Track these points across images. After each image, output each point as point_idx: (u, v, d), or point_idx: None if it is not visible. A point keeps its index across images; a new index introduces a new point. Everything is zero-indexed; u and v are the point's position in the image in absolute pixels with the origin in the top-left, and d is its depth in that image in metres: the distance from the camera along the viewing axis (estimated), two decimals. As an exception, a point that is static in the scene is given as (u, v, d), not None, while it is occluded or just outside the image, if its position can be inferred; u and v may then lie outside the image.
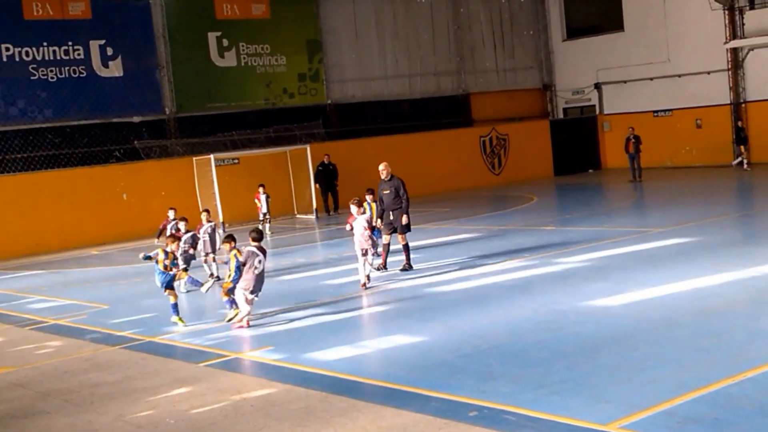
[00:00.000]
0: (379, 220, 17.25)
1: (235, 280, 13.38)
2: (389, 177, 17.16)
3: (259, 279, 13.31)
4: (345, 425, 8.57)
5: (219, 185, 28.09)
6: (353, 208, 15.83)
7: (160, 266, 13.93)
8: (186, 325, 13.88)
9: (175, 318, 14.02)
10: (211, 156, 28.47)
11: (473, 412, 8.54)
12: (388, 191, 17.05)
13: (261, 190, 26.64)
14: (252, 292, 13.30)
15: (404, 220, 16.84)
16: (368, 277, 15.75)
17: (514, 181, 35.58)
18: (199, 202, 28.81)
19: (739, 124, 33.47)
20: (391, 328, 12.67)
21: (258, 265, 13.24)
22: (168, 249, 14.07)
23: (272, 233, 26.24)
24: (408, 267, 16.96)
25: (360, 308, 14.19)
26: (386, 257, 17.22)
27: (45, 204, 27.26)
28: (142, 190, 28.93)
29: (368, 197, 18.04)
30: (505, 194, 31.53)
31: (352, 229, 15.82)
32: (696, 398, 8.35)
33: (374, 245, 15.98)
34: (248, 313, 13.43)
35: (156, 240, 20.03)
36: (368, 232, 15.58)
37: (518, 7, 39.91)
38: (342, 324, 13.21)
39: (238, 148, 31.18)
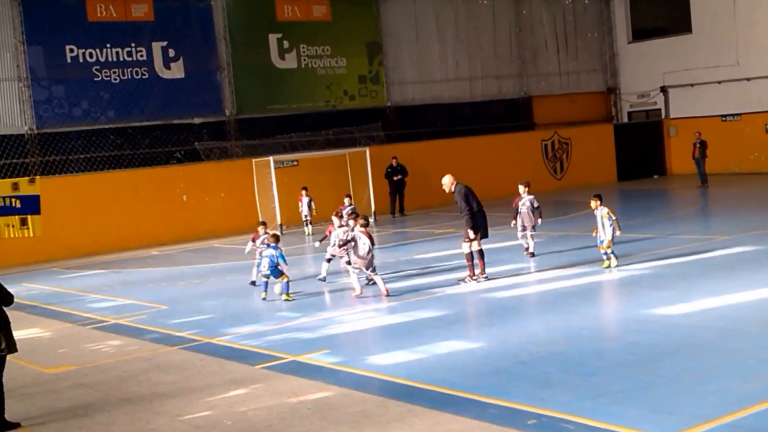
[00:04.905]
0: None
1: None
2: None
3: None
4: (402, 430, 8.51)
5: (278, 187, 28.21)
6: (335, 221, 17.35)
7: None
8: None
9: None
10: (270, 158, 28.62)
11: (532, 420, 8.44)
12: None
13: (303, 192, 26.92)
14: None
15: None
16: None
17: (577, 186, 35.09)
18: (258, 204, 29.05)
19: None
20: (449, 334, 12.56)
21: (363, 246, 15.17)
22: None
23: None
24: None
25: (417, 313, 14.10)
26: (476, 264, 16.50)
27: (107, 204, 27.64)
28: (202, 192, 29.21)
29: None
30: (567, 199, 31.11)
31: (325, 238, 17.52)
32: (761, 411, 8.13)
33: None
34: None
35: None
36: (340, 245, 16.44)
37: (582, 8, 39.42)
38: (399, 328, 13.15)
39: (297, 150, 31.30)
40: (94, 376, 11.90)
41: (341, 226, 17.04)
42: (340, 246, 16.21)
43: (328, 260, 17.30)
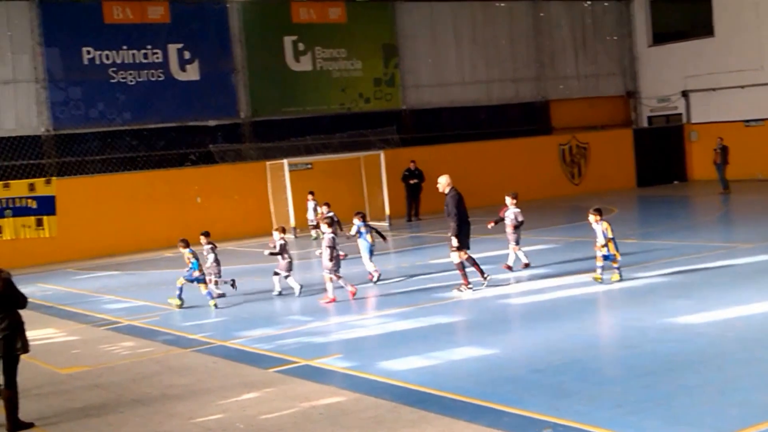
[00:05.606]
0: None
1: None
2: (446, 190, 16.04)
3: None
4: (414, 438, 8.41)
5: (292, 190, 28.12)
6: (275, 235, 17.19)
7: None
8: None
9: None
10: (285, 161, 28.55)
11: (547, 429, 8.31)
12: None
13: (310, 197, 26.53)
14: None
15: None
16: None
17: (595, 191, 34.86)
18: (272, 207, 28.99)
19: None
20: (463, 340, 12.47)
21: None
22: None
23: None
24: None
25: (431, 318, 13.98)
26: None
27: (121, 206, 27.70)
28: (216, 194, 29.19)
29: (356, 220, 17.72)
30: (585, 205, 30.70)
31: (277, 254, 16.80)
32: (785, 423, 7.94)
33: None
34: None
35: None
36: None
37: (601, 11, 39.15)
38: (412, 334, 13.03)
39: (312, 153, 31.24)
40: (107, 377, 11.90)
41: (282, 239, 16.86)
42: (331, 260, 15.78)
43: (285, 276, 16.80)
